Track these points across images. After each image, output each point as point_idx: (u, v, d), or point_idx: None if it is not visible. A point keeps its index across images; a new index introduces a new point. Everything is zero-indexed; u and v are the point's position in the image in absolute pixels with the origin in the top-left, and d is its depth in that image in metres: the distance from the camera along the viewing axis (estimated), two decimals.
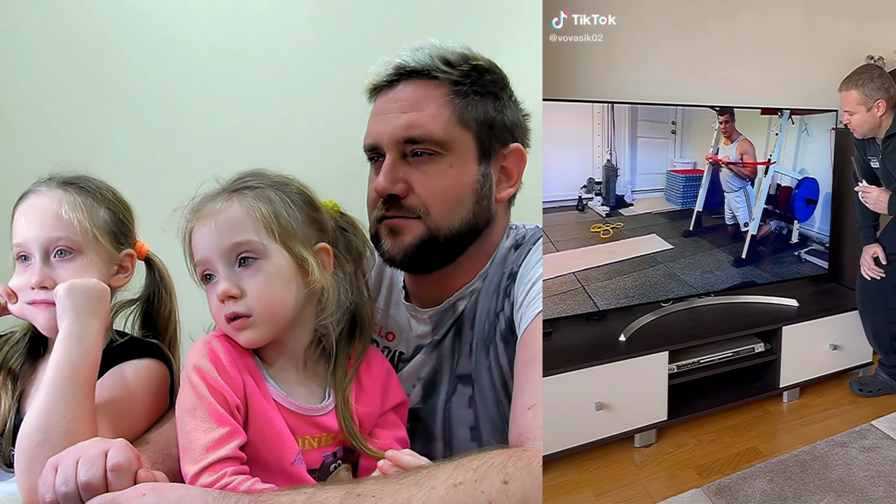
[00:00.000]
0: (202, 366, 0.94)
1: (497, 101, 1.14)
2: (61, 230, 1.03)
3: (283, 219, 0.99)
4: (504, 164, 1.15)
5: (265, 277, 0.97)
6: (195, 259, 1.00)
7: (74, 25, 1.59)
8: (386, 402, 1.08)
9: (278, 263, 0.98)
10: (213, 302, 0.98)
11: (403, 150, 1.10)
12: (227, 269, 0.97)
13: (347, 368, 1.05)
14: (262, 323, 0.97)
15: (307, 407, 1.00)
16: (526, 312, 1.04)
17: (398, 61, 1.13)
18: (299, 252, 0.99)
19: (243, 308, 0.96)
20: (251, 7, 1.67)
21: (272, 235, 0.98)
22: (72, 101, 1.59)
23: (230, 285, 0.96)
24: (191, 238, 0.99)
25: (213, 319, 1.00)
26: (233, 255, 0.97)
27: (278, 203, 1.00)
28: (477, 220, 1.12)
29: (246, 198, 0.99)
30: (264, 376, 1.00)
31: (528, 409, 0.96)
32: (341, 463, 1.03)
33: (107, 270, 1.08)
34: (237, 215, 0.97)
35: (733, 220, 2.33)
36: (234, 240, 0.96)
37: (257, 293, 0.96)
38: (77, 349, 0.96)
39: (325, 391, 1.04)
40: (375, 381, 1.08)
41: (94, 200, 1.08)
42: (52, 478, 0.82)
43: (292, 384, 1.02)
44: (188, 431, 0.91)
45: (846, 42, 2.57)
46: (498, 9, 1.65)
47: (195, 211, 1.00)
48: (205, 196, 1.01)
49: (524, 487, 0.81)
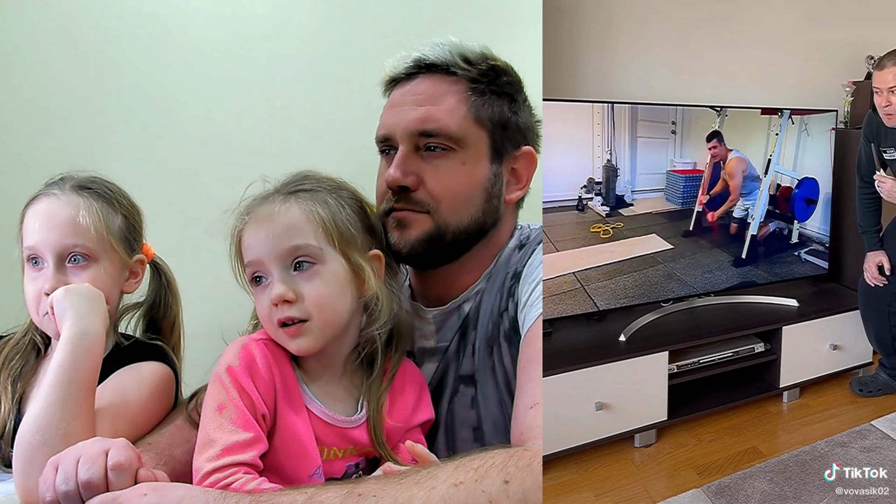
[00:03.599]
0: (235, 368, 0.93)
1: (512, 103, 1.14)
2: (78, 237, 1.02)
3: (341, 224, 0.97)
4: (515, 167, 1.15)
5: (322, 283, 0.95)
6: (245, 260, 0.97)
7: (74, 25, 1.59)
8: (415, 417, 1.07)
9: (335, 270, 0.96)
10: (263, 305, 0.96)
11: (417, 143, 1.09)
12: (283, 272, 0.95)
13: (382, 379, 1.03)
14: (318, 330, 0.95)
15: (340, 419, 0.99)
16: (529, 312, 1.04)
17: (417, 55, 1.12)
18: (356, 260, 0.97)
19: (300, 313, 0.94)
20: (251, 7, 1.67)
21: (331, 241, 0.96)
22: (72, 101, 1.59)
23: (286, 289, 0.94)
24: (240, 239, 0.98)
25: (262, 324, 0.98)
26: (290, 258, 0.95)
27: (336, 208, 0.98)
28: (485, 219, 1.12)
29: (304, 201, 0.97)
30: (300, 384, 0.98)
31: (530, 408, 0.96)
32: (363, 474, 1.02)
33: (119, 277, 1.08)
34: (297, 218, 0.95)
35: (738, 215, 2.33)
36: (293, 243, 0.94)
37: (315, 298, 0.94)
38: (79, 350, 0.95)
39: (359, 403, 1.02)
40: (409, 397, 1.06)
41: (110, 206, 1.07)
42: (53, 477, 0.81)
43: (328, 394, 1.00)
44: (211, 429, 0.90)
45: (846, 42, 2.58)
46: (498, 9, 1.65)
47: (249, 212, 0.98)
48: (257, 197, 0.99)
49: (525, 487, 0.80)
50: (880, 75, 2.07)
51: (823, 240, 2.48)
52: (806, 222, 2.46)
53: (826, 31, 2.59)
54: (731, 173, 2.30)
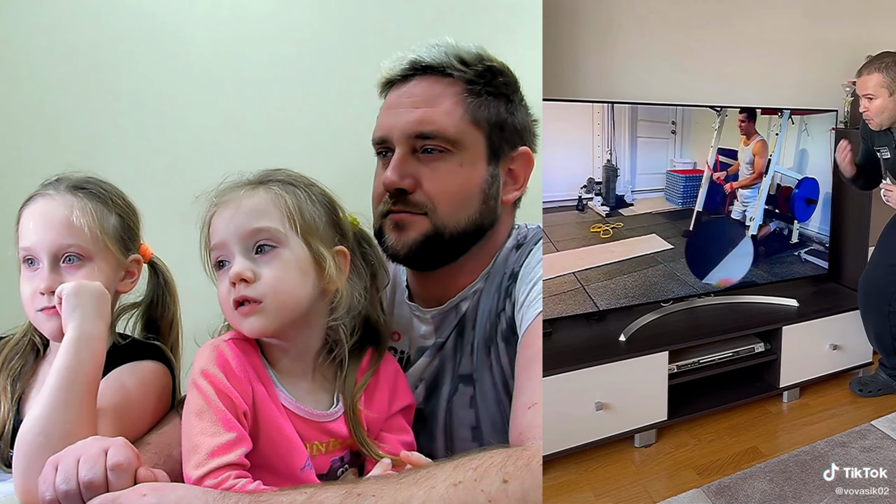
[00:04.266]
0: (211, 370, 0.92)
1: (509, 104, 1.14)
2: (72, 237, 1.02)
3: (306, 213, 0.98)
4: (511, 167, 1.15)
5: (281, 265, 0.95)
6: (211, 244, 0.98)
7: (74, 24, 1.59)
8: (393, 405, 1.07)
9: (297, 254, 0.97)
10: (223, 288, 0.96)
11: (414, 145, 1.09)
12: (244, 253, 0.95)
13: (357, 377, 1.04)
14: (272, 311, 0.95)
15: (316, 413, 0.99)
16: (527, 312, 1.04)
17: (414, 56, 1.12)
18: (318, 248, 0.98)
19: (254, 293, 0.94)
20: (251, 7, 1.67)
21: (294, 227, 0.97)
22: (71, 100, 1.59)
23: (244, 268, 0.94)
24: (210, 224, 0.98)
25: (221, 308, 0.98)
26: (252, 240, 0.95)
27: (303, 198, 0.99)
28: (483, 220, 1.12)
29: (272, 188, 0.98)
30: (273, 381, 0.98)
31: (529, 408, 0.96)
32: (348, 467, 1.02)
33: (114, 276, 1.08)
34: (262, 202, 0.97)
35: (737, 216, 2.34)
36: (256, 225, 0.95)
37: (271, 279, 0.94)
38: (84, 352, 0.95)
39: (334, 396, 1.03)
40: (384, 385, 1.07)
41: (105, 206, 1.07)
42: (53, 476, 0.81)
43: (301, 389, 1.00)
44: (194, 435, 0.89)
45: (846, 42, 2.58)
46: (498, 9, 1.65)
47: (218, 196, 0.99)
48: (229, 184, 1.00)
49: (524, 486, 0.80)
50: (859, 82, 2.15)
51: (823, 240, 2.48)
52: (806, 222, 2.46)
53: (826, 30, 2.58)
54: (758, 152, 2.31)
